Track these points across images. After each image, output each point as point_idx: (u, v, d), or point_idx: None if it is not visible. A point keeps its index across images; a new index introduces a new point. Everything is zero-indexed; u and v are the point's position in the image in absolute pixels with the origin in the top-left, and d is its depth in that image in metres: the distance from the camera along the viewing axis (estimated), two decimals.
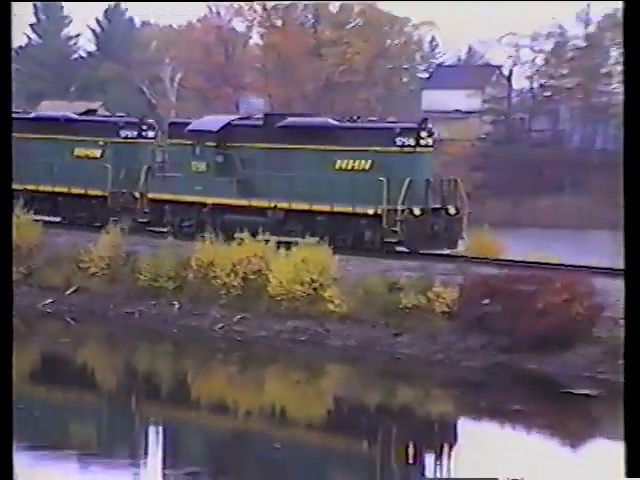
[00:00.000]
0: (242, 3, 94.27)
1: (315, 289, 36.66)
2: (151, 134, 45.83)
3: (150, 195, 42.82)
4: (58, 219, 46.32)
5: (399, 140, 37.29)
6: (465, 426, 29.81)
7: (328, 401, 32.48)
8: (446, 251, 37.58)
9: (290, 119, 41.27)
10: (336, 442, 27.59)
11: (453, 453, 26.31)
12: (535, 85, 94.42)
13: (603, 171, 79.52)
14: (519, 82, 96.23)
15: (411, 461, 25.46)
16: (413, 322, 34.79)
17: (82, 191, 45.11)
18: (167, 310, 38.67)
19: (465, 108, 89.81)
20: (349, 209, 37.66)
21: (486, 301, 33.69)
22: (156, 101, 78.37)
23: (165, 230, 43.87)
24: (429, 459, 26.07)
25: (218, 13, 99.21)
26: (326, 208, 38.27)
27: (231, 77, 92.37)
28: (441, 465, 25.45)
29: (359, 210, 37.46)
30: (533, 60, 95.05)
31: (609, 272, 34.70)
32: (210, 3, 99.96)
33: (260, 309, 37.09)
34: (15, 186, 42.67)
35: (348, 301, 36.03)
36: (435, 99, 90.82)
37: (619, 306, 31.27)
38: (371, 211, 37.17)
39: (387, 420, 29.66)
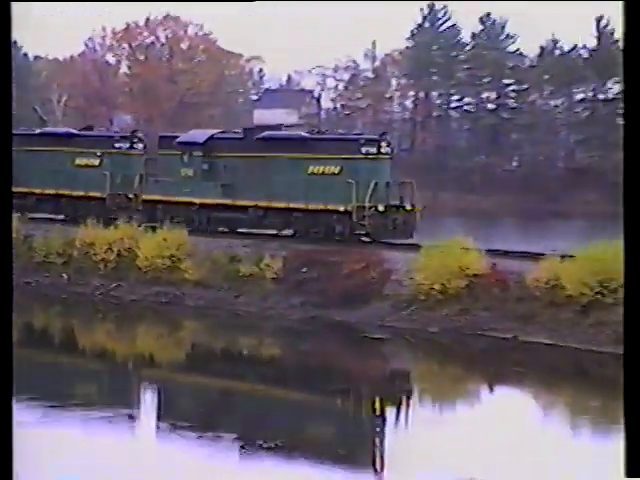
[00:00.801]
0: (114, 42, 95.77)
1: (173, 262, 37.20)
2: (140, 146, 44.12)
3: (144, 196, 41.22)
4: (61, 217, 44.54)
5: (364, 149, 36.38)
6: (288, 362, 30.69)
7: (186, 347, 33.58)
8: (405, 241, 36.11)
9: (267, 132, 39.98)
10: (193, 378, 28.18)
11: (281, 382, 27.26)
12: (338, 105, 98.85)
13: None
14: (326, 103, 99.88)
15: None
16: (249, 286, 35.67)
17: (82, 193, 43.65)
18: (57, 280, 38.94)
19: (286, 123, 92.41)
20: (321, 206, 36.42)
21: (304, 269, 35.14)
22: (47, 118, 78.92)
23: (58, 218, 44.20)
24: (262, 384, 26.84)
25: (94, 49, 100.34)
26: (301, 206, 36.99)
27: (106, 99, 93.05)
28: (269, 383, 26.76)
29: (331, 207, 36.25)
30: (336, 87, 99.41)
31: (399, 246, 35.93)
32: (88, 41, 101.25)
33: (131, 278, 37.72)
34: (23, 189, 42.94)
35: (199, 271, 36.72)
36: (263, 116, 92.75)
37: (402, 271, 33.26)
38: (342, 208, 35.95)
39: (232, 360, 30.58)
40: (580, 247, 32.00)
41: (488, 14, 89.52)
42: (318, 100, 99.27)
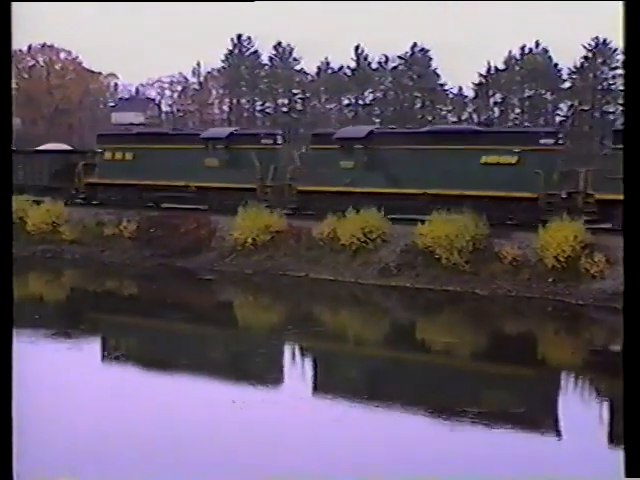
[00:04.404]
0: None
1: (54, 227, 36.32)
2: (280, 141, 36.02)
3: (299, 187, 33.51)
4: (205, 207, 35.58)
5: (542, 141, 28.78)
6: (143, 297, 29.90)
7: (67, 290, 32.62)
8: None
9: (435, 127, 35.21)
10: (73, 313, 27.58)
11: (138, 312, 26.60)
12: (174, 109, 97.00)
13: None
14: (165, 108, 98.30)
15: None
16: (112, 243, 34.98)
17: (233, 185, 34.59)
18: None
19: (136, 122, 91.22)
20: (502, 194, 28.67)
21: (152, 230, 34.55)
22: None
23: None
24: (123, 315, 26.05)
25: None
26: (474, 193, 29.10)
27: None
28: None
29: (515, 194, 28.53)
30: (171, 96, 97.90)
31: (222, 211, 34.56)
32: None
33: (22, 239, 35.70)
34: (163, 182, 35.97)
35: (74, 233, 35.90)
36: (119, 117, 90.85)
37: (224, 230, 32.77)
38: (528, 195, 28.44)
39: (102, 299, 29.64)
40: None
41: (279, 43, 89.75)
42: (159, 105, 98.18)
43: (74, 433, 14.04)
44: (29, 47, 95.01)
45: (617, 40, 68.00)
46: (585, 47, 78.72)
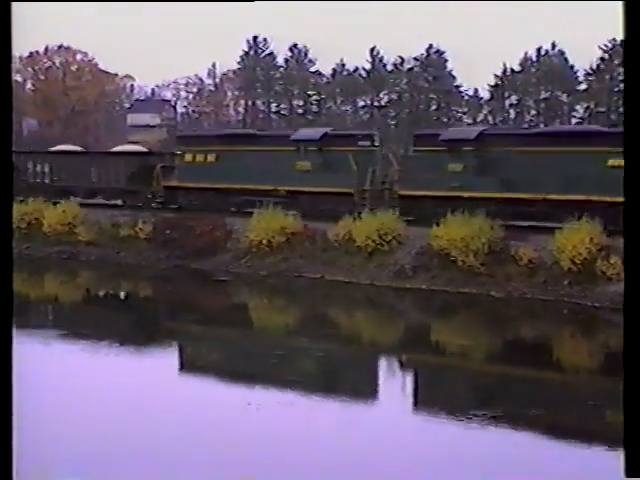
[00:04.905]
0: (21, 66, 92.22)
1: (70, 228, 36.34)
2: (377, 143, 33.82)
3: (401, 192, 31.41)
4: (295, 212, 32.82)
5: None
6: (158, 299, 30.00)
7: (83, 290, 32.49)
8: None
9: (547, 128, 29.56)
10: (90, 309, 27.33)
11: (153, 311, 27.30)
12: (190, 110, 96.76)
13: None
14: (180, 109, 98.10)
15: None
16: (127, 245, 34.96)
17: (327, 189, 32.66)
18: None
19: (152, 123, 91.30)
20: None
21: (168, 231, 34.58)
22: None
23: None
24: (138, 314, 26.32)
25: None
26: (600, 198, 26.57)
27: (15, 108, 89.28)
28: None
29: None
30: (186, 97, 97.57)
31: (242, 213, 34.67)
32: None
33: (39, 240, 36.57)
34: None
35: (90, 234, 35.93)
36: (135, 118, 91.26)
37: (240, 231, 32.92)
38: None
39: (117, 298, 30.09)
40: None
41: (295, 44, 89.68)
42: (174, 107, 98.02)
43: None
44: (46, 48, 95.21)
45: None
46: (601, 48, 78.42)
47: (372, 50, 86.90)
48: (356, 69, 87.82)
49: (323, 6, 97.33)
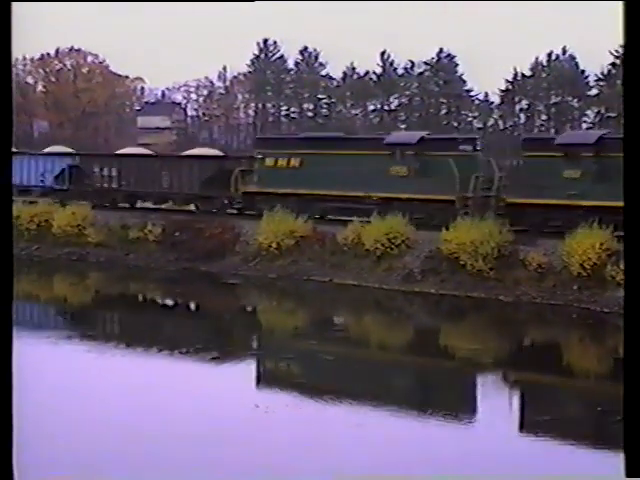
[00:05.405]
0: (32, 68, 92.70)
1: (80, 230, 36.30)
2: (479, 147, 32.12)
3: (509, 199, 29.48)
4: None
5: None
6: (168, 301, 30.14)
7: (91, 292, 32.64)
8: None
9: None
10: (97, 311, 27.92)
11: (161, 313, 27.19)
12: (200, 114, 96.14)
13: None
14: (190, 112, 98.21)
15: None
16: (137, 247, 34.88)
17: (425, 196, 30.62)
18: None
19: (162, 126, 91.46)
20: None
21: (177, 233, 34.52)
22: None
23: None
24: (146, 315, 26.31)
25: (17, 74, 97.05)
26: None
27: (27, 109, 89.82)
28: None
29: None
30: (197, 100, 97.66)
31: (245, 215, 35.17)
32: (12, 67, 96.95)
33: (48, 242, 36.51)
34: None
35: (99, 236, 35.87)
36: (145, 121, 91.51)
37: (249, 234, 33.03)
38: None
39: (126, 299, 30.08)
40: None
41: (305, 47, 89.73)
42: (185, 110, 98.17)
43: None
44: (57, 51, 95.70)
45: None
46: (612, 53, 78.25)
47: (383, 54, 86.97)
48: (367, 73, 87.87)
49: (331, 6, 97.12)
